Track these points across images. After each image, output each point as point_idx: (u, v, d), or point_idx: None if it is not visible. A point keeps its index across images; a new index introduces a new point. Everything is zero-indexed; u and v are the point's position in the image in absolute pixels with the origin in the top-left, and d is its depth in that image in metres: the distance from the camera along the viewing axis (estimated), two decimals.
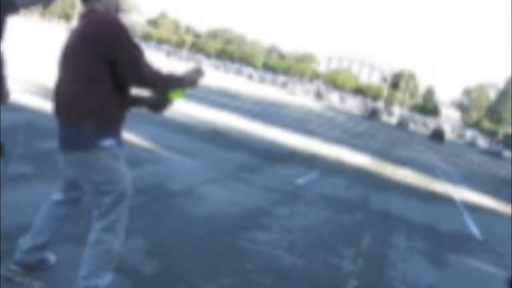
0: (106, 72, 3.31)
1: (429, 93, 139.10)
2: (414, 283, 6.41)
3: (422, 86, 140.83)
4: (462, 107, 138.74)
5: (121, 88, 3.43)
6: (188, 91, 3.78)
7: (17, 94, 2.64)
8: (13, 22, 4.39)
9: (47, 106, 7.18)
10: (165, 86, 3.60)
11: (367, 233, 8.21)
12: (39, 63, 17.16)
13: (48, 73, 5.61)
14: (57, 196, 3.79)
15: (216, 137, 14.32)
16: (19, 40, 26.30)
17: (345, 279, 5.80)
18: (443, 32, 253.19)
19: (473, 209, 14.30)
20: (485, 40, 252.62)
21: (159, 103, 3.76)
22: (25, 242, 3.79)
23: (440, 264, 7.75)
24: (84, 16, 3.42)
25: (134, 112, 3.73)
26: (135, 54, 3.32)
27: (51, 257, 3.98)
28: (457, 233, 10.35)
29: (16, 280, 3.73)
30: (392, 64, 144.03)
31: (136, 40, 3.45)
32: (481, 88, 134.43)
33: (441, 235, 9.78)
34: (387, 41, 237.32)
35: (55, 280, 3.88)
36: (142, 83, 3.42)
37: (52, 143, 3.78)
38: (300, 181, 11.05)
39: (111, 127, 3.42)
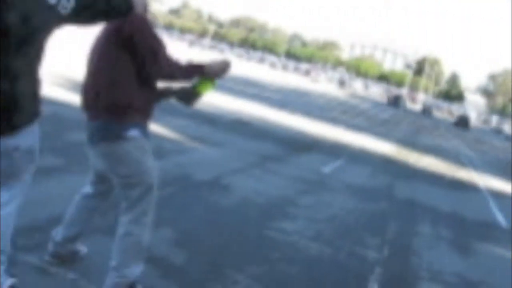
0: (132, 65, 3.38)
1: (454, 79, 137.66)
2: (439, 271, 6.43)
3: (447, 72, 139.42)
4: (488, 93, 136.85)
5: (148, 81, 3.50)
6: (217, 82, 3.84)
7: (45, 87, 2.70)
8: None
9: (75, 98, 7.30)
10: (185, 77, 3.66)
11: (392, 221, 8.24)
12: (69, 56, 17.33)
13: (76, 66, 5.72)
14: (87, 189, 3.88)
15: (241, 126, 14.38)
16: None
17: (370, 268, 5.84)
18: (467, 17, 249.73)
19: (499, 196, 14.22)
20: (510, 23, 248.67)
21: (189, 95, 3.82)
22: (58, 233, 3.89)
23: (466, 252, 7.76)
24: None
25: (159, 103, 3.78)
26: (155, 46, 3.39)
27: (83, 248, 4.09)
28: (482, 221, 10.32)
29: (50, 271, 3.84)
30: (416, 50, 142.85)
31: (158, 30, 3.51)
32: (507, 73, 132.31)
33: (467, 223, 9.76)
34: (410, 26, 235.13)
35: (88, 270, 3.99)
36: (160, 74, 3.48)
37: (80, 135, 3.87)
38: (325, 169, 11.08)
39: (137, 119, 3.50)
